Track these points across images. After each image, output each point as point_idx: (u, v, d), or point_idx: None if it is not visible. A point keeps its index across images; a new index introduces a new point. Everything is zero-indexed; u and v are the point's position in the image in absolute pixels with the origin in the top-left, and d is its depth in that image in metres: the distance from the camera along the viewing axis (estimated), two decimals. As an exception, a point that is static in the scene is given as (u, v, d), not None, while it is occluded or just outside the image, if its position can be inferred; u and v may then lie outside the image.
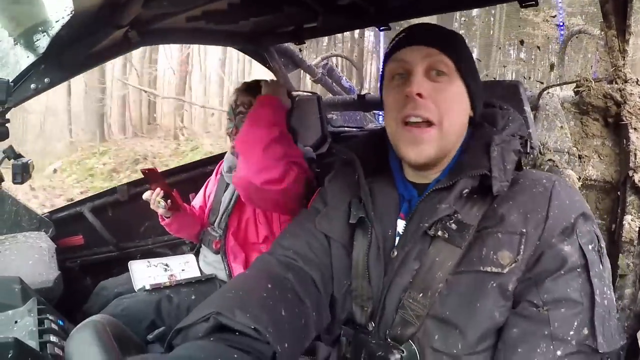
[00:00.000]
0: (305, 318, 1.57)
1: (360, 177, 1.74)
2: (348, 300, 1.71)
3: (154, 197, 3.15)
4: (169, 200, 3.13)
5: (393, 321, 1.56)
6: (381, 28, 3.21)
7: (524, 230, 1.44)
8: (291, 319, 1.49)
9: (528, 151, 1.73)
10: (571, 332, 1.34)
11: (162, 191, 3.14)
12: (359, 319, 1.67)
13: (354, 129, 4.41)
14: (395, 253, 1.60)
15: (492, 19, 24.05)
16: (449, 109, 1.57)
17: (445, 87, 1.58)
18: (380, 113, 5.53)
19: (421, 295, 1.50)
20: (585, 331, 1.35)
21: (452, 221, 1.52)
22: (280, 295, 1.54)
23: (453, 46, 1.63)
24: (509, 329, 1.42)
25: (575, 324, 1.35)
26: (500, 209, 1.50)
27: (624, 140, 2.30)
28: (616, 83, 2.37)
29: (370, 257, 1.67)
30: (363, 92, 4.46)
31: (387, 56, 1.71)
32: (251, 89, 3.05)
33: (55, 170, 15.32)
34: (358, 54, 21.32)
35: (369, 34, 19.57)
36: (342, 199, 1.84)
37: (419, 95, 1.55)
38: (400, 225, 1.67)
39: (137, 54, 19.27)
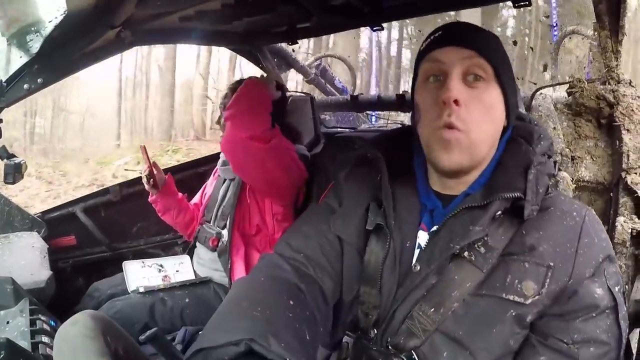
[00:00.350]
0: (317, 334, 1.51)
1: (384, 179, 1.67)
2: (355, 305, 1.67)
3: (143, 174, 3.32)
4: (151, 179, 3.28)
5: (398, 330, 1.53)
6: (375, 28, 3.21)
7: (552, 263, 1.41)
8: (313, 343, 1.43)
9: (555, 173, 1.74)
10: None
11: (147, 169, 3.26)
12: (362, 324, 1.64)
13: (347, 130, 4.40)
14: (418, 268, 1.54)
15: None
16: (482, 117, 1.49)
17: (481, 94, 1.50)
18: (374, 114, 5.53)
19: (432, 310, 1.47)
20: None
21: (480, 243, 1.47)
22: (301, 314, 1.45)
23: (493, 49, 1.55)
24: (537, 356, 1.41)
25: None
26: (529, 238, 1.46)
27: (617, 142, 2.30)
28: (609, 84, 2.37)
29: (385, 268, 1.61)
30: (356, 93, 4.46)
31: (422, 54, 1.62)
32: (240, 84, 3.07)
33: (126, 164, 15.53)
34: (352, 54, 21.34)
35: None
36: (360, 200, 1.74)
37: (456, 102, 1.46)
38: (422, 236, 1.60)
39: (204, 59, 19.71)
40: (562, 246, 1.42)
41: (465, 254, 1.47)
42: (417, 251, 1.59)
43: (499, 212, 1.47)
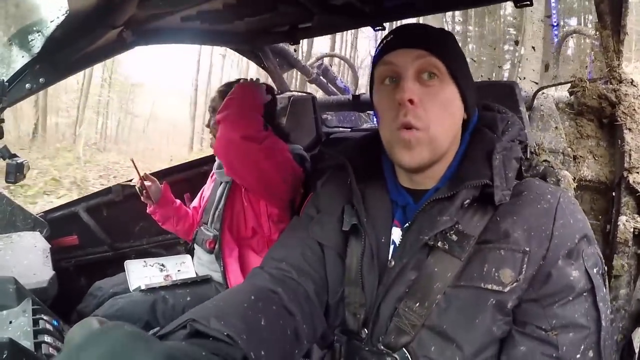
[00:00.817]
0: (295, 330, 1.52)
1: (352, 182, 1.71)
2: (341, 306, 1.69)
3: (136, 186, 3.36)
4: (144, 192, 3.31)
5: (387, 329, 1.54)
6: (376, 28, 3.21)
7: (527, 248, 1.41)
8: (272, 329, 1.43)
9: (528, 157, 1.71)
10: (578, 356, 1.36)
11: (138, 181, 3.29)
12: (351, 326, 1.64)
13: (348, 129, 4.40)
14: (393, 263, 1.56)
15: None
16: (439, 114, 1.52)
17: (436, 92, 1.53)
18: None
19: (417, 304, 1.48)
20: (591, 354, 1.37)
21: (452, 232, 1.48)
22: (263, 307, 1.47)
23: (444, 47, 1.58)
24: (516, 347, 1.42)
25: (582, 347, 1.37)
26: (503, 224, 1.46)
27: (619, 141, 2.30)
28: (611, 83, 2.37)
29: (364, 265, 1.64)
30: (358, 93, 4.46)
31: (377, 58, 1.66)
32: (230, 87, 3.11)
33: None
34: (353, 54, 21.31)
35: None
36: (335, 204, 1.80)
37: (410, 101, 1.50)
38: (396, 233, 1.64)
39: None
40: (536, 230, 1.43)
41: (439, 244, 1.49)
42: (392, 247, 1.63)
43: (467, 201, 1.49)
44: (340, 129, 4.46)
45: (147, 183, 3.32)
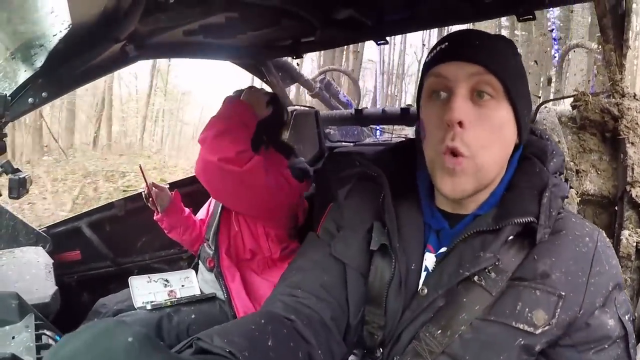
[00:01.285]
0: (309, 354, 1.41)
1: (387, 199, 1.58)
2: (360, 325, 1.61)
3: (143, 193, 3.32)
4: (150, 198, 3.26)
5: (404, 350, 1.48)
6: (379, 42, 3.21)
7: (563, 293, 1.35)
8: (281, 351, 1.31)
9: (567, 195, 1.56)
10: None
11: (146, 188, 3.26)
12: (368, 344, 1.59)
13: (351, 144, 4.40)
14: (426, 291, 1.47)
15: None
16: (490, 139, 1.39)
17: (490, 114, 1.39)
18: (378, 127, 5.53)
19: (440, 332, 1.41)
20: None
21: (491, 267, 1.40)
22: (272, 330, 1.34)
23: (503, 62, 1.41)
24: None
25: None
26: (541, 264, 1.39)
27: (622, 155, 2.29)
28: (613, 97, 2.36)
29: (391, 291, 1.53)
30: (360, 107, 4.46)
31: (427, 67, 1.50)
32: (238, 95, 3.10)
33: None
34: (355, 68, 21.30)
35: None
36: (362, 220, 1.65)
37: (460, 123, 1.36)
38: (429, 259, 1.54)
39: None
40: (574, 275, 1.37)
41: (475, 278, 1.40)
42: (423, 274, 1.53)
43: (511, 237, 1.41)
44: (343, 143, 4.46)
45: (154, 190, 3.29)
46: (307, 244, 1.77)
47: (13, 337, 1.87)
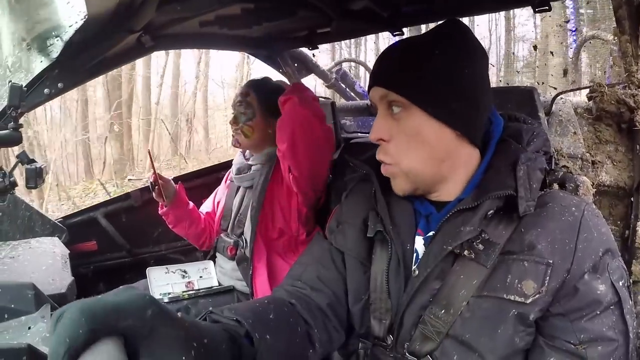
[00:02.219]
0: (307, 332, 1.61)
1: (377, 191, 1.71)
2: (366, 314, 1.69)
3: (149, 181, 3.28)
4: (156, 187, 3.19)
5: (412, 336, 1.55)
6: (395, 33, 3.20)
7: (551, 261, 1.40)
8: (281, 322, 1.51)
9: (553, 168, 1.70)
10: None
11: (152, 176, 3.20)
12: (377, 332, 1.65)
13: (367, 135, 4.38)
14: (417, 272, 1.56)
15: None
16: (409, 146, 1.54)
17: (403, 124, 1.54)
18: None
19: (443, 312, 1.48)
20: None
21: (479, 240, 1.47)
22: (275, 308, 1.55)
23: (405, 79, 1.53)
24: (545, 359, 1.41)
25: None
26: (528, 235, 1.45)
27: (637, 146, 2.28)
28: (629, 89, 2.35)
29: (390, 272, 1.64)
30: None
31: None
32: (250, 82, 3.19)
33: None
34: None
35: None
36: (358, 213, 1.81)
37: (380, 140, 1.58)
38: (419, 242, 1.63)
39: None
40: (560, 243, 1.42)
41: (466, 252, 1.48)
42: (415, 255, 1.63)
43: (491, 211, 1.48)
44: (359, 134, 4.45)
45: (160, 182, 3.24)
46: (312, 242, 1.98)
47: (29, 328, 1.88)
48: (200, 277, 3.38)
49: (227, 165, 4.38)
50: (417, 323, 1.53)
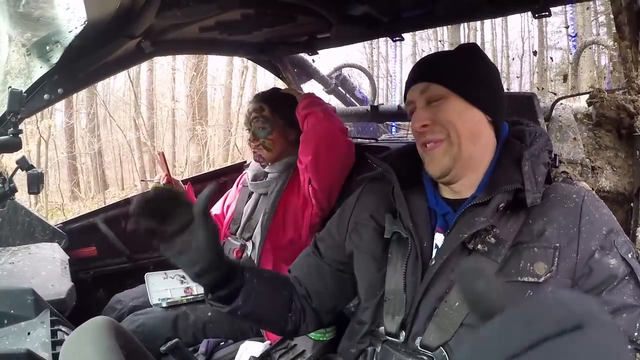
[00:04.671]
0: (290, 300, 1.95)
1: (396, 188, 1.81)
2: (379, 310, 1.76)
3: (160, 182, 3.22)
4: None
5: (425, 329, 1.59)
6: (395, 39, 3.20)
7: (557, 244, 1.50)
8: (271, 280, 1.94)
9: (557, 165, 1.82)
10: (636, 333, 1.42)
11: (165, 177, 3.18)
12: (389, 328, 1.69)
13: (367, 140, 4.38)
14: (433, 262, 1.64)
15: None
16: (452, 121, 1.67)
17: (443, 108, 1.69)
18: (394, 124, 5.50)
19: (457, 304, 1.55)
20: None
21: (490, 235, 1.57)
22: (270, 272, 2.05)
23: (445, 72, 1.74)
24: None
25: (638, 325, 1.42)
26: (536, 225, 1.56)
27: (637, 152, 2.28)
28: (629, 94, 2.35)
29: (409, 266, 1.71)
30: (376, 103, 4.44)
31: (405, 95, 1.87)
32: (260, 96, 3.17)
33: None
34: (369, 63, 21.33)
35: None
36: (372, 213, 1.91)
37: (424, 126, 1.70)
38: (439, 238, 1.72)
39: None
40: (565, 227, 1.52)
41: (479, 246, 1.57)
42: (433, 251, 1.71)
43: (502, 204, 1.58)
44: (359, 139, 4.44)
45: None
46: (308, 248, 2.16)
47: (29, 333, 1.88)
48: (199, 282, 3.37)
49: (227, 170, 4.38)
50: (431, 316, 1.60)
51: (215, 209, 3.58)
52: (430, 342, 1.56)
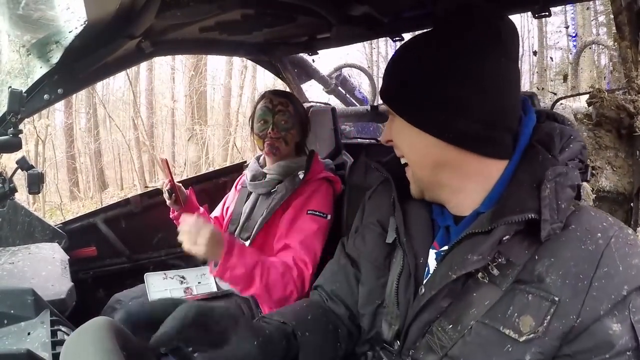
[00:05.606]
0: (336, 329, 1.74)
1: (395, 198, 1.63)
2: (378, 318, 1.67)
3: (163, 188, 3.20)
4: (173, 195, 3.15)
5: (417, 344, 1.50)
6: (395, 39, 3.20)
7: (557, 298, 1.19)
8: (316, 321, 1.68)
9: (588, 179, 1.54)
10: None
11: (169, 183, 3.15)
12: (385, 336, 1.63)
13: (367, 141, 4.38)
14: (423, 291, 1.45)
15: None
16: (399, 146, 1.53)
17: (393, 127, 1.53)
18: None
19: (451, 327, 1.37)
20: None
21: (495, 264, 1.31)
22: (312, 310, 1.74)
23: (392, 93, 1.50)
24: None
25: None
26: (539, 265, 1.25)
27: (637, 152, 2.27)
28: (629, 94, 2.35)
29: (400, 283, 1.57)
30: (376, 103, 4.44)
31: None
32: (283, 93, 3.16)
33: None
34: (369, 63, 21.33)
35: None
36: (378, 217, 1.77)
37: (389, 141, 1.57)
38: (432, 255, 1.53)
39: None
40: (572, 277, 1.20)
41: (479, 275, 1.34)
42: (426, 269, 1.55)
43: (506, 237, 1.28)
44: (359, 140, 4.44)
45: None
46: (335, 255, 1.99)
47: (29, 333, 1.88)
48: (199, 282, 3.35)
49: (227, 170, 4.38)
50: (423, 334, 1.47)
51: (215, 212, 3.58)
52: (420, 358, 1.47)
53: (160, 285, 3.22)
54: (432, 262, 1.54)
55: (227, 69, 19.99)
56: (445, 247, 1.49)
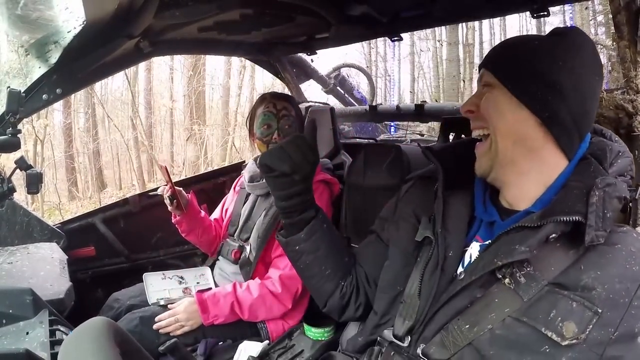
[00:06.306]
0: (349, 262, 2.02)
1: (439, 189, 1.71)
2: (394, 307, 1.73)
3: (164, 194, 3.20)
4: (174, 201, 3.14)
5: (431, 339, 1.53)
6: (394, 39, 3.20)
7: (600, 310, 1.26)
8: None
9: (637, 197, 1.63)
10: None
11: (169, 190, 3.15)
12: (397, 330, 1.66)
13: (365, 141, 4.38)
14: (462, 276, 1.52)
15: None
16: (490, 113, 1.55)
17: (487, 97, 1.56)
18: (393, 124, 5.50)
19: (467, 327, 1.44)
20: None
21: (522, 272, 1.39)
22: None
23: (498, 58, 1.61)
24: None
25: None
26: (585, 276, 1.32)
27: (636, 152, 2.27)
28: (628, 94, 2.35)
29: (426, 273, 1.64)
30: (375, 103, 4.44)
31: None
32: (287, 97, 3.14)
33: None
34: (368, 63, 21.32)
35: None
36: (414, 211, 1.85)
37: (470, 112, 1.62)
38: (475, 247, 1.61)
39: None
40: (616, 293, 1.27)
41: (507, 280, 1.41)
42: (467, 260, 1.61)
43: (553, 235, 1.34)
44: (358, 139, 4.44)
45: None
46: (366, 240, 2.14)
47: (27, 333, 1.88)
48: (197, 283, 3.34)
49: (223, 172, 4.38)
50: (440, 329, 1.52)
51: (215, 214, 3.58)
52: (430, 353, 1.51)
53: (158, 285, 3.21)
54: (475, 254, 1.60)
55: (226, 69, 19.93)
56: (489, 241, 1.54)
